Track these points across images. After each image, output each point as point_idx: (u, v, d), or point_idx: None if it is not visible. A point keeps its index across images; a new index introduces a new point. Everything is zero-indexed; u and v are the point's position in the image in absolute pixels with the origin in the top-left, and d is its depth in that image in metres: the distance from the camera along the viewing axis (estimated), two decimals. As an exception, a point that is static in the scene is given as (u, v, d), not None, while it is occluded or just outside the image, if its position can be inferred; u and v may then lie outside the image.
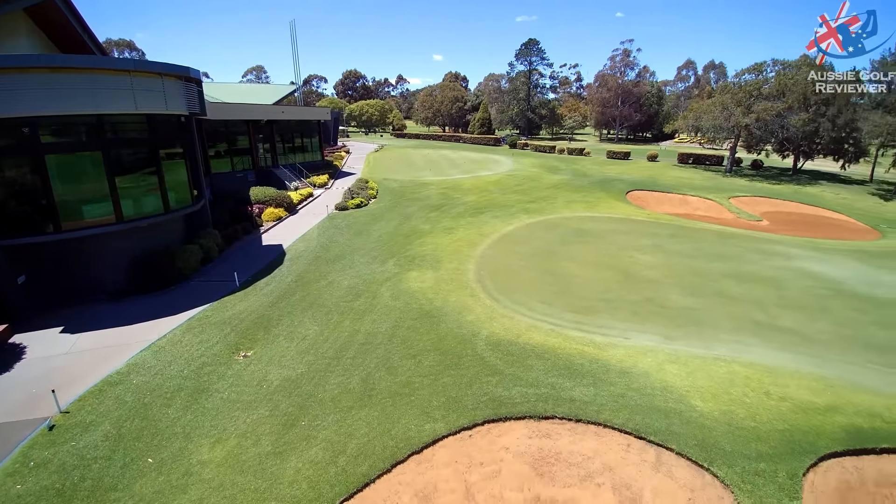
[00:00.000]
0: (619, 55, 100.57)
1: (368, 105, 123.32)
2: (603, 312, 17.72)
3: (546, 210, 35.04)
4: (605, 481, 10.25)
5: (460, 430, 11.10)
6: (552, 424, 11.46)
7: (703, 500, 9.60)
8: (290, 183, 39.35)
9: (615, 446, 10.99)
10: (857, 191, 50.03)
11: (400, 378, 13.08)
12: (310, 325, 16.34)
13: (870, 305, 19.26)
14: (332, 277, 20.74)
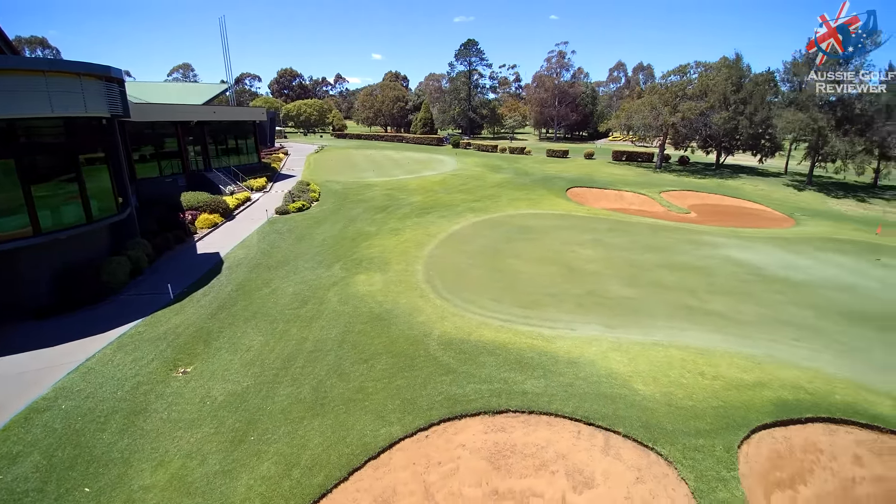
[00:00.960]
0: (555, 56, 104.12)
1: (306, 105, 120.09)
2: (549, 306, 18.30)
3: (491, 209, 35.66)
4: (558, 468, 10.62)
5: (417, 431, 11.10)
6: (506, 418, 11.71)
7: (649, 478, 10.16)
8: (225, 187, 37.61)
9: (567, 434, 11.40)
10: (773, 182, 54.70)
11: (352, 384, 12.88)
12: (254, 335, 15.72)
13: (788, 287, 21.15)
14: (276, 284, 20.06)
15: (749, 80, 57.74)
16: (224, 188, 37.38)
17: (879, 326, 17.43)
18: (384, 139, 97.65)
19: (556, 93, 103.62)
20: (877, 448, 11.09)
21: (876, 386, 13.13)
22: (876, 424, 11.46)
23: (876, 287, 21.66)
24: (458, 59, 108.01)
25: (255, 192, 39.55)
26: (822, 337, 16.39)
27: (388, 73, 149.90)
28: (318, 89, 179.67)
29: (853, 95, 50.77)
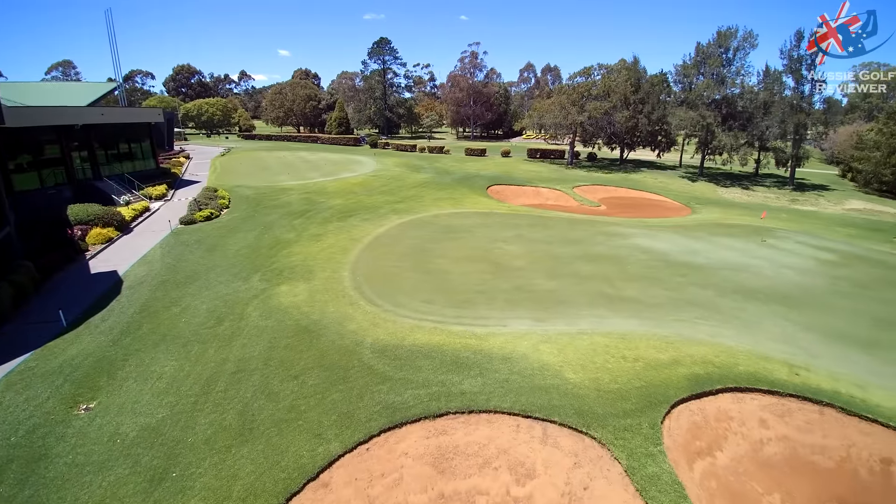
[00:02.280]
0: (468, 57, 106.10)
1: (208, 104, 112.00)
2: (480, 304, 18.54)
3: (415, 209, 35.52)
4: (501, 464, 10.76)
5: (356, 445, 10.69)
6: (447, 420, 11.65)
7: (585, 462, 10.59)
8: (119, 197, 34.00)
9: (506, 429, 11.58)
10: (670, 175, 59.87)
11: (283, 403, 12.13)
12: (165, 360, 14.29)
13: (690, 270, 23.18)
14: (187, 302, 18.42)
15: (646, 82, 62.79)
16: (118, 198, 33.77)
17: (769, 300, 19.66)
18: (297, 140, 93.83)
19: (471, 92, 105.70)
20: (778, 411, 12.45)
21: (772, 355, 14.76)
22: (775, 390, 12.86)
23: (764, 265, 24.43)
24: (372, 58, 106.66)
25: (155, 202, 36.18)
26: (722, 314, 18.14)
27: (298, 70, 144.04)
28: (221, 87, 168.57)
29: (735, 94, 57.13)
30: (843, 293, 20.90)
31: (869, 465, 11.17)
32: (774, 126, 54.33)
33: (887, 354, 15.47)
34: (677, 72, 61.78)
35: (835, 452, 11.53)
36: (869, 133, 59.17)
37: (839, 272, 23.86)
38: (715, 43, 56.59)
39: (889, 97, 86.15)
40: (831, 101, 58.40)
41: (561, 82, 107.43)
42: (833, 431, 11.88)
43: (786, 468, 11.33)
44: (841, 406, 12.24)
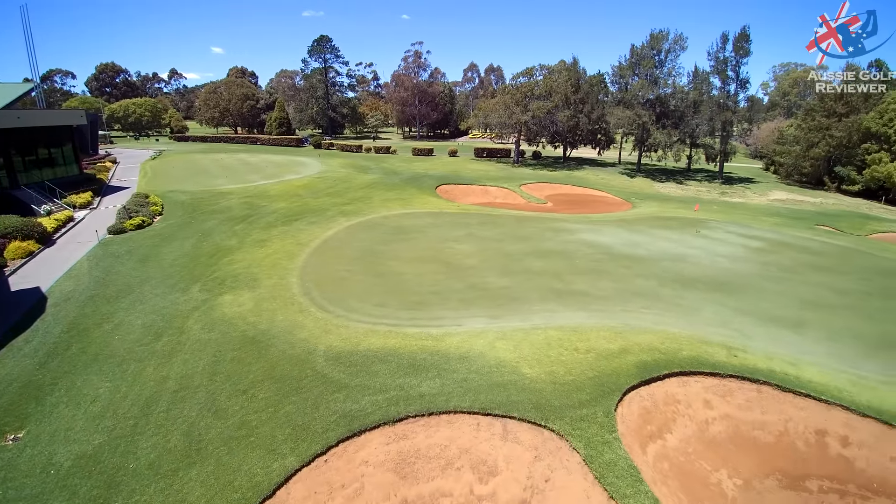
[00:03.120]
0: (412, 56, 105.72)
1: (135, 104, 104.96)
2: (435, 304, 18.42)
3: (364, 211, 34.90)
4: (463, 464, 10.70)
5: (314, 457, 10.27)
6: (407, 425, 11.44)
7: (546, 455, 10.73)
8: (39, 207, 31.15)
9: (467, 429, 11.54)
10: (611, 171, 62.32)
11: (232, 420, 11.47)
12: (99, 382, 13.17)
13: (633, 262, 24.16)
14: (120, 318, 17.08)
15: (585, 82, 65.08)
16: (38, 208, 30.93)
17: (706, 288, 20.83)
18: (235, 141, 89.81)
19: (416, 92, 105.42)
20: (720, 391, 13.16)
21: (711, 339, 15.61)
22: (717, 371, 13.60)
23: (700, 255, 25.89)
24: (312, 56, 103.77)
25: (80, 210, 33.44)
26: (665, 302, 19.02)
27: (233, 68, 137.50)
28: (150, 87, 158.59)
29: (667, 93, 60.35)
30: (772, 278, 22.51)
31: (805, 438, 12.04)
32: (704, 124, 57.98)
33: (815, 333, 16.79)
34: (614, 73, 64.59)
35: (773, 427, 12.33)
36: (789, 129, 64.38)
37: (767, 258, 25.71)
38: (648, 45, 59.51)
39: (806, 95, 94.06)
40: (754, 100, 63.09)
41: (504, 82, 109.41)
42: (771, 408, 12.71)
43: (730, 445, 11.99)
44: (776, 383, 13.12)
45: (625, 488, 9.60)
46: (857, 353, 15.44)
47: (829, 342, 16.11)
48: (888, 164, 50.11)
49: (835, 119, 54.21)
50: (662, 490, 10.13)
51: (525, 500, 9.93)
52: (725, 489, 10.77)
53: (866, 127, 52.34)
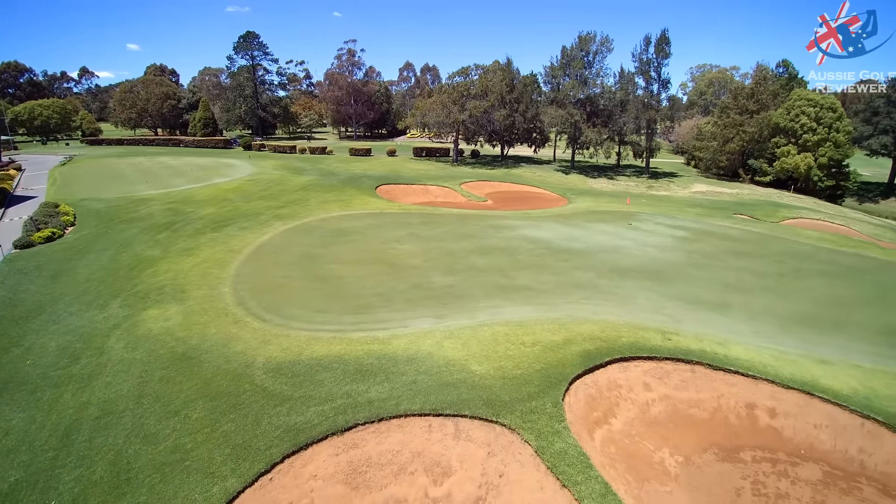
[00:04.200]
0: (345, 54, 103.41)
1: (42, 106, 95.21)
2: (379, 307, 18.01)
3: (300, 214, 33.64)
4: (416, 467, 10.46)
5: (258, 476, 9.63)
6: (356, 433, 11.02)
7: (498, 450, 10.72)
8: (-80, 221, 27.39)
9: (418, 431, 11.30)
10: (547, 169, 64.17)
11: (164, 444, 10.53)
12: (10, 413, 11.68)
13: (571, 255, 24.91)
14: (31, 341, 15.31)
15: (519, 82, 66.61)
16: (-83, 222, 27.16)
17: (640, 276, 21.85)
18: (156, 143, 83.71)
19: (351, 91, 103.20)
20: (658, 374, 13.77)
21: (647, 324, 16.34)
22: (654, 355, 14.21)
23: (632, 246, 27.16)
24: (239, 53, 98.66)
25: (-26, 224, 29.76)
26: (603, 292, 19.73)
27: (151, 66, 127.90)
28: (58, 87, 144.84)
29: (597, 93, 63.01)
30: (697, 265, 24.01)
31: (736, 412, 12.85)
32: (630, 122, 61.20)
33: (739, 314, 18.06)
34: (546, 73, 66.59)
35: (708, 404, 13.08)
36: (706, 126, 69.40)
37: (692, 247, 27.44)
38: (577, 46, 61.83)
39: (721, 94, 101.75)
40: (674, 99, 67.43)
41: (440, 82, 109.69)
42: (704, 386, 13.47)
43: (670, 424, 12.57)
44: (708, 363, 13.92)
45: (576, 475, 9.75)
46: (777, 330, 16.77)
47: (752, 321, 17.38)
48: (795, 156, 55.26)
49: (747, 116, 59.04)
50: (611, 473, 10.41)
51: (481, 497, 9.85)
52: (668, 467, 11.26)
53: (775, 122, 57.41)
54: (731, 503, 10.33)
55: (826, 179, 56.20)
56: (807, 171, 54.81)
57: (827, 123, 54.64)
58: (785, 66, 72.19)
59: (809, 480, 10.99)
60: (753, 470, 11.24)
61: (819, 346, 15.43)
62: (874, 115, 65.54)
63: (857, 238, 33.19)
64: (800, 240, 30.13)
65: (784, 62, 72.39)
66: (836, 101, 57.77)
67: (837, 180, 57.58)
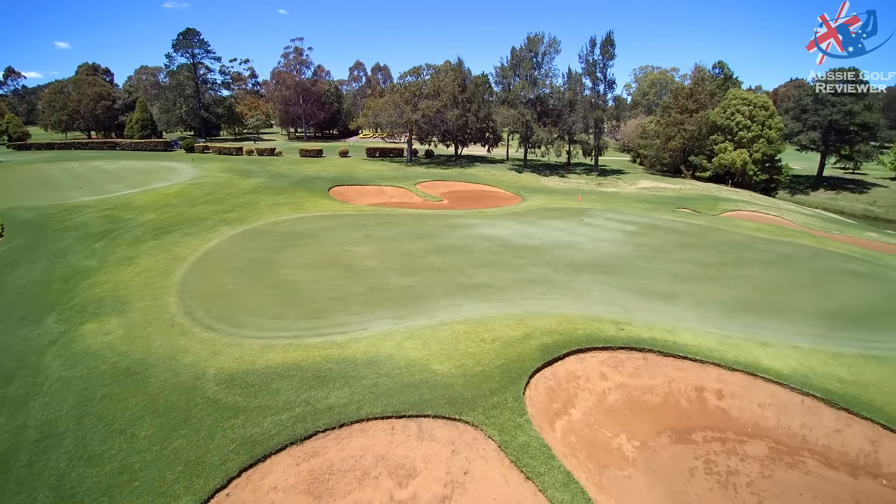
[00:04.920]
0: (292, 53, 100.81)
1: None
2: (336, 311, 17.64)
3: (250, 217, 32.50)
4: (381, 471, 10.30)
5: (213, 493, 9.16)
6: (317, 441, 10.72)
7: (462, 448, 10.72)
8: None
9: (381, 435, 11.13)
10: (500, 168, 65.04)
11: (111, 465, 9.85)
12: (-72, 444, 10.61)
13: (527, 252, 25.35)
14: (-51, 363, 13.98)
15: (471, 82, 67.22)
16: None
17: (593, 270, 22.52)
18: (90, 147, 78.30)
19: (300, 90, 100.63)
20: (613, 363, 14.22)
21: (601, 316, 16.84)
22: (608, 345, 14.67)
23: (585, 241, 27.97)
24: (178, 51, 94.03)
25: None
26: (559, 287, 20.18)
27: (83, 65, 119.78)
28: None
29: (546, 93, 64.47)
30: (646, 257, 25.02)
31: (687, 395, 13.45)
32: (579, 121, 63.12)
33: (686, 302, 18.93)
34: (497, 73, 67.54)
35: (660, 390, 13.63)
36: (650, 125, 72.56)
37: (641, 240, 28.57)
38: (526, 48, 63.06)
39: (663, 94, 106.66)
40: (619, 99, 70.14)
41: (392, 81, 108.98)
42: (656, 372, 14.02)
43: (626, 411, 13.01)
44: (659, 350, 14.50)
45: (539, 467, 9.89)
46: (721, 316, 17.70)
47: (698, 309, 18.27)
48: (732, 152, 58.74)
49: (687, 115, 62.24)
50: (572, 462, 10.64)
51: (446, 496, 9.82)
52: (626, 452, 11.64)
53: (713, 121, 60.83)
54: (686, 483, 10.80)
55: (760, 173, 60.18)
56: (743, 166, 58.42)
57: (760, 121, 58.47)
58: (720, 68, 76.60)
59: (757, 457, 11.65)
60: (705, 450, 11.80)
61: (760, 330, 16.42)
62: (803, 113, 70.91)
63: (791, 228, 35.66)
64: (739, 231, 31.99)
65: (720, 63, 76.81)
66: (767, 99, 62.04)
67: (771, 174, 61.82)
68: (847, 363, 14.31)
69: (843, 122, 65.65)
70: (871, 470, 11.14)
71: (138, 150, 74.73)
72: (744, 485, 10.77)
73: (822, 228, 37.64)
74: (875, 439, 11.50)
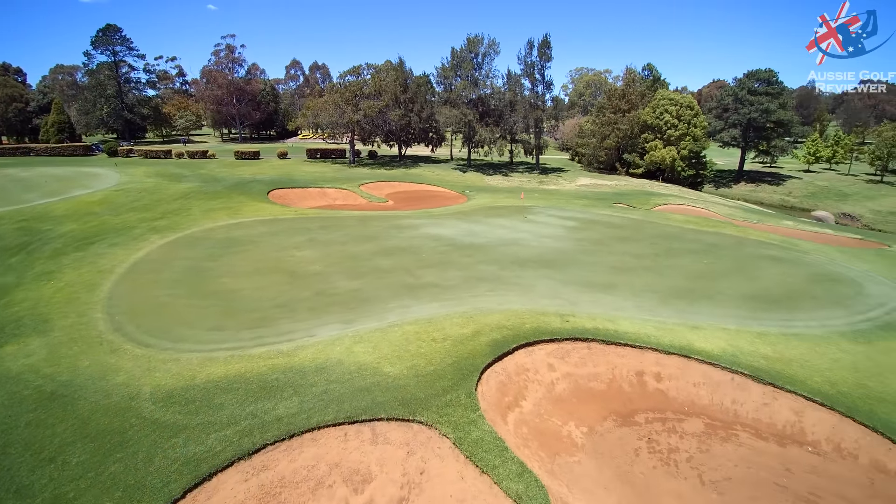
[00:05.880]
0: (223, 50, 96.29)
1: None
2: (281, 319, 17.09)
3: (182, 225, 30.80)
4: (335, 479, 10.10)
5: (153, 519, 8.64)
6: (266, 454, 10.35)
7: (417, 448, 10.73)
8: None
9: (334, 442, 10.92)
10: (445, 167, 65.43)
11: (41, 496, 9.02)
12: None
13: (474, 250, 25.71)
14: None
15: (412, 82, 67.14)
16: None
17: (537, 266, 23.21)
18: (1, 153, 71.34)
19: (233, 90, 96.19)
20: (559, 354, 14.74)
21: (547, 309, 17.38)
22: (555, 337, 15.17)
23: (529, 238, 28.75)
24: (98, 48, 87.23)
25: None
26: (506, 283, 20.63)
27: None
28: None
29: (487, 94, 65.56)
30: (586, 251, 26.09)
31: (629, 380, 14.18)
32: (520, 121, 64.75)
33: (624, 292, 19.92)
34: (438, 73, 67.93)
35: (604, 376, 14.28)
36: (587, 124, 75.66)
37: (581, 235, 29.75)
38: (466, 48, 63.83)
39: (597, 94, 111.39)
40: (557, 100, 72.63)
41: (332, 81, 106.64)
42: (600, 360, 14.67)
43: (573, 399, 13.52)
44: (601, 339, 15.18)
45: (493, 460, 10.07)
46: (656, 303, 18.78)
47: (635, 298, 19.29)
48: (661, 149, 62.46)
49: (620, 115, 65.49)
50: (525, 453, 10.94)
51: (403, 497, 9.79)
52: (575, 438, 12.10)
53: (643, 120, 64.43)
54: (631, 463, 11.39)
55: (688, 169, 64.51)
56: (672, 163, 62.32)
57: (686, 120, 62.62)
58: (650, 70, 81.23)
59: (694, 433, 12.48)
60: (647, 430, 12.49)
61: (692, 315, 17.58)
62: (725, 112, 76.92)
63: (716, 219, 38.43)
64: (670, 223, 34.06)
65: (649, 66, 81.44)
66: (693, 99, 66.60)
67: (697, 169, 66.45)
68: (770, 341, 15.62)
69: (760, 120, 71.84)
70: (796, 438, 12.23)
71: (55, 155, 68.58)
72: (684, 460, 11.51)
73: (744, 219, 40.84)
74: (799, 410, 12.64)
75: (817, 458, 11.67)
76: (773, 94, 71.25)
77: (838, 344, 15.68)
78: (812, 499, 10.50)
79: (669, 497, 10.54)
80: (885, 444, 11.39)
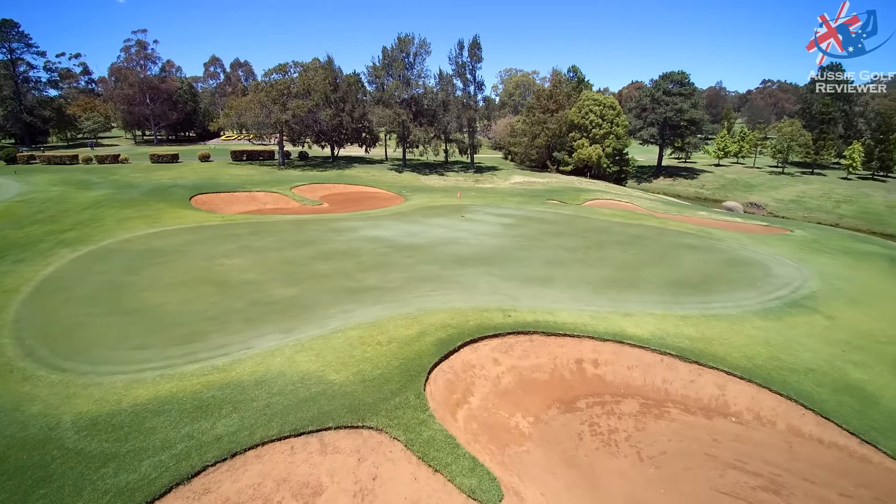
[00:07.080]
0: (134, 47, 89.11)
1: None
2: (213, 332, 16.15)
3: (94, 236, 28.26)
4: (283, 496, 9.74)
5: (82, 560, 7.89)
6: (207, 476, 9.77)
7: (368, 454, 10.59)
8: None
9: (280, 457, 10.52)
10: (380, 168, 64.71)
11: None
12: None
13: (414, 251, 25.70)
14: None
15: (342, 81, 65.74)
16: None
17: (477, 263, 23.61)
18: None
19: (145, 88, 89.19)
20: (503, 348, 15.13)
21: (489, 306, 17.75)
22: (498, 332, 15.56)
23: (468, 236, 29.17)
24: (-8, 46, 78.09)
25: None
26: (447, 282, 20.81)
27: None
28: None
29: (420, 94, 65.54)
30: (523, 247, 26.92)
31: (569, 368, 14.85)
32: (453, 121, 65.46)
33: (560, 285, 20.77)
34: (369, 73, 67.01)
35: (546, 367, 14.84)
36: (518, 124, 77.93)
37: (517, 231, 30.64)
38: (397, 48, 63.45)
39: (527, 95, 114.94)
40: (489, 100, 74.24)
41: (256, 79, 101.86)
42: (541, 351, 15.24)
43: (519, 391, 13.93)
44: (542, 331, 15.77)
45: (445, 458, 10.16)
46: (590, 294, 19.75)
47: (571, 290, 20.17)
48: (588, 147, 65.60)
49: (549, 114, 68.06)
50: (476, 447, 11.13)
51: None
52: (522, 429, 12.49)
53: (571, 120, 67.40)
54: (576, 446, 11.94)
55: (612, 166, 68.36)
56: (598, 160, 65.72)
57: (609, 119, 66.26)
58: (574, 71, 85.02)
59: (631, 413, 13.30)
60: (588, 415, 13.15)
61: (623, 303, 18.68)
62: (643, 111, 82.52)
63: (640, 212, 40.98)
64: (598, 217, 35.91)
65: (573, 67, 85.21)
66: (614, 100, 70.58)
67: (621, 166, 70.59)
68: (692, 323, 16.94)
69: (675, 119, 77.93)
70: (721, 411, 13.38)
71: (-64, 164, 60.36)
72: (623, 440, 12.23)
73: (664, 211, 43.90)
74: (722, 384, 13.83)
75: (741, 427, 12.83)
76: (685, 95, 77.44)
77: (752, 322, 17.32)
78: (739, 465, 11.54)
79: (612, 476, 11.16)
80: (799, 409, 12.75)
